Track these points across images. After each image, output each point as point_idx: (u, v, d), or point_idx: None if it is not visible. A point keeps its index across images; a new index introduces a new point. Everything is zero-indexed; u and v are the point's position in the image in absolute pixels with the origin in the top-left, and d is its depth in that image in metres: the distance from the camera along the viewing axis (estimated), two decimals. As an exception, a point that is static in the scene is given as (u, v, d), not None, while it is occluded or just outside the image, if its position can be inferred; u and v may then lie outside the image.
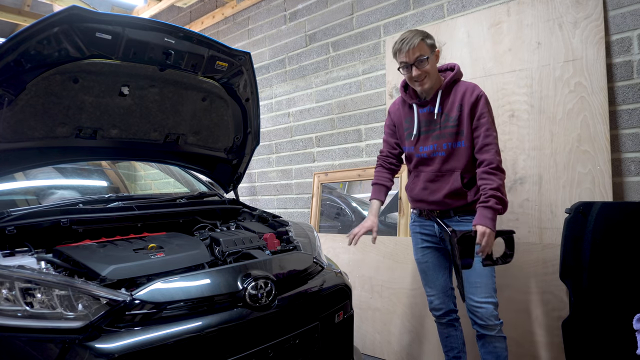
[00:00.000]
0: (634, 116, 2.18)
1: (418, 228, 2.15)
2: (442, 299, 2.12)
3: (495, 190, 1.82)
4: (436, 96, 1.99)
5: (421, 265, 2.17)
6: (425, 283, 2.17)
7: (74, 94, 1.79)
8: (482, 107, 1.92)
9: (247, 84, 2.18)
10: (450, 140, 1.97)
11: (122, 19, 1.69)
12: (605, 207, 2.02)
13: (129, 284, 1.45)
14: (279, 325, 1.59)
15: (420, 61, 1.92)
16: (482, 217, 1.82)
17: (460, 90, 1.97)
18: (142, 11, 4.72)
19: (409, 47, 1.91)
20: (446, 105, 1.98)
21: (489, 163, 1.87)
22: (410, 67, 1.94)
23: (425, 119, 2.03)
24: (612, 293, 1.94)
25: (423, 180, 2.05)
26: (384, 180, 2.21)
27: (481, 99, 1.93)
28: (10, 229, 1.57)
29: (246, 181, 4.19)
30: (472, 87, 1.96)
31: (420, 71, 1.94)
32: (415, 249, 2.20)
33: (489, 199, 1.82)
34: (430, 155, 2.02)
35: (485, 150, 1.89)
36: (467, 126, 1.94)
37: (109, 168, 2.94)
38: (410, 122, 2.08)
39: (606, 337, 1.93)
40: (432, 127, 2.01)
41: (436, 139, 2.00)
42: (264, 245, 1.88)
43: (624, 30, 2.20)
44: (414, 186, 2.11)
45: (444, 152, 1.98)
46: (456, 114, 1.95)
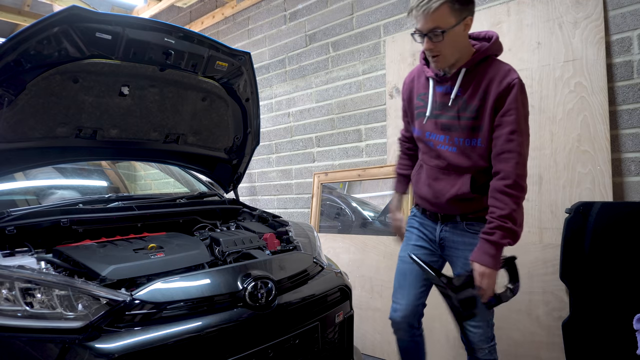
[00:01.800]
0: (634, 116, 2.18)
1: (417, 224, 1.81)
2: (406, 312, 1.75)
3: (504, 219, 1.45)
4: (457, 75, 1.55)
5: (404, 266, 1.78)
6: (398, 287, 1.79)
7: (74, 94, 1.79)
8: (511, 100, 1.47)
9: (247, 84, 2.18)
10: (464, 136, 1.56)
11: (122, 19, 1.69)
12: (605, 207, 2.02)
13: (129, 284, 1.45)
14: (279, 325, 1.59)
15: (435, 34, 1.46)
16: (482, 253, 1.48)
17: (490, 72, 1.52)
18: (142, 11, 4.72)
19: (425, 11, 1.43)
20: (468, 88, 1.54)
21: (504, 177, 1.47)
22: (424, 36, 1.49)
23: (441, 100, 1.60)
24: (612, 293, 1.94)
25: (426, 176, 1.71)
26: (402, 168, 1.91)
27: (513, 89, 1.47)
28: (10, 229, 1.57)
29: (246, 181, 4.19)
30: (505, 72, 1.51)
31: (433, 45, 1.49)
32: (405, 244, 1.83)
33: (495, 230, 1.46)
34: (437, 146, 1.63)
35: (504, 158, 1.48)
36: (489, 121, 1.51)
37: (109, 168, 2.94)
38: (423, 100, 1.66)
39: (606, 337, 1.93)
40: (446, 113, 1.59)
41: (447, 130, 1.59)
42: (264, 245, 1.88)
43: (624, 30, 2.20)
44: (417, 179, 1.77)
45: (455, 147, 1.58)
46: (477, 104, 1.52)
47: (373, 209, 3.22)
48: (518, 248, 2.35)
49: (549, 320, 2.25)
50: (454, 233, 1.69)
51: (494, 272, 1.49)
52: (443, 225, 1.72)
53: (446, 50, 1.50)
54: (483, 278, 1.48)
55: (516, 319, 2.34)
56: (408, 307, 1.75)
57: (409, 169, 1.87)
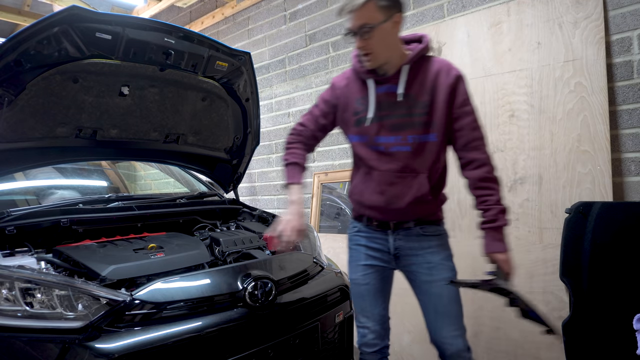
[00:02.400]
0: (634, 116, 2.18)
1: (363, 240, 1.67)
2: (378, 332, 1.68)
3: (499, 202, 1.50)
4: (400, 73, 1.52)
5: (359, 288, 1.67)
6: (361, 311, 1.69)
7: (74, 94, 1.79)
8: (464, 91, 1.52)
9: (247, 84, 2.18)
10: (418, 132, 1.52)
11: (122, 19, 1.69)
12: (605, 207, 2.02)
13: (129, 284, 1.45)
14: (279, 325, 1.59)
15: (363, 32, 1.44)
16: (495, 242, 1.49)
17: (432, 68, 1.53)
18: (142, 11, 4.72)
19: (352, 9, 1.44)
20: (413, 85, 1.52)
21: (483, 164, 1.51)
22: (354, 34, 1.48)
23: (385, 100, 1.54)
24: (612, 293, 1.94)
25: (378, 182, 1.58)
26: (300, 158, 1.67)
27: (461, 80, 1.52)
28: (10, 229, 1.57)
29: (246, 181, 4.19)
30: (448, 66, 1.54)
31: (364, 43, 1.47)
32: (354, 266, 1.70)
33: (497, 216, 1.48)
34: (389, 149, 1.55)
35: (475, 146, 1.51)
36: (442, 115, 1.51)
37: (109, 168, 2.94)
38: (363, 104, 1.58)
39: (606, 337, 1.93)
40: (395, 113, 1.54)
41: (399, 129, 1.53)
42: (264, 245, 1.88)
43: (624, 30, 2.20)
44: (364, 188, 1.63)
45: (410, 146, 1.53)
46: (427, 99, 1.51)
47: (373, 209, 3.21)
48: (518, 248, 2.36)
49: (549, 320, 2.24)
50: (409, 240, 1.62)
51: (509, 253, 1.52)
52: (395, 234, 1.62)
53: (377, 48, 1.48)
54: (507, 263, 1.50)
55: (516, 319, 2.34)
56: (377, 326, 1.68)
57: (305, 160, 1.70)
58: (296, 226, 1.53)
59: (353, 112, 1.61)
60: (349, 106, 1.63)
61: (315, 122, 1.70)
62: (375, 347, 1.68)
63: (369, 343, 1.68)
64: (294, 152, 1.68)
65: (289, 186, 1.63)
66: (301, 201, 1.59)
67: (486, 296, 2.41)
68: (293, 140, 1.71)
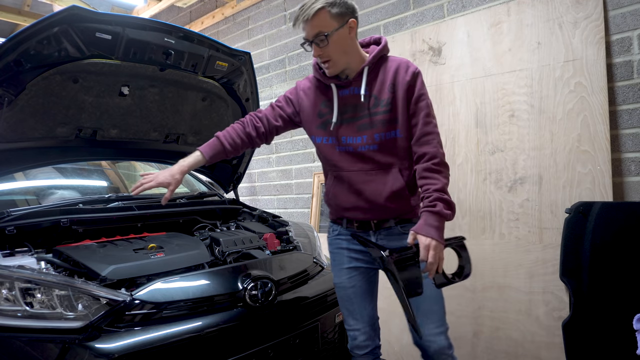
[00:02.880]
0: (634, 116, 2.18)
1: (345, 243, 1.68)
2: (368, 334, 1.68)
3: (441, 192, 1.47)
4: (361, 75, 1.56)
5: (346, 291, 1.67)
6: (349, 314, 1.68)
7: (74, 94, 1.79)
8: (419, 87, 1.54)
9: (247, 84, 2.18)
10: (383, 130, 1.55)
11: (122, 19, 1.69)
12: (605, 207, 2.02)
13: (129, 284, 1.45)
14: (279, 325, 1.59)
15: (319, 39, 1.47)
16: (426, 225, 1.43)
17: (391, 66, 1.56)
18: (142, 11, 4.72)
19: (305, 18, 1.46)
20: (374, 85, 1.56)
21: (431, 157, 1.51)
22: (310, 43, 1.51)
23: (349, 103, 1.58)
24: (612, 293, 1.94)
25: (351, 183, 1.59)
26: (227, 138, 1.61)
27: (418, 77, 1.55)
28: (10, 229, 1.57)
29: (246, 181, 4.19)
30: (406, 63, 1.57)
31: (321, 51, 1.49)
32: (338, 269, 1.70)
33: (435, 202, 1.45)
34: (357, 149, 1.57)
35: (426, 141, 1.53)
36: (403, 112, 1.54)
37: (109, 168, 2.94)
38: (328, 106, 1.60)
39: (606, 337, 1.93)
40: (359, 114, 1.57)
41: (365, 129, 1.56)
42: (264, 245, 1.88)
43: (624, 30, 2.20)
44: (338, 191, 1.64)
45: (377, 144, 1.55)
46: (388, 96, 1.54)
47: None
48: (518, 248, 2.36)
49: (549, 320, 2.25)
50: (390, 239, 1.61)
51: (440, 245, 1.44)
52: (377, 234, 1.63)
53: (334, 54, 1.51)
54: (429, 250, 1.41)
55: (516, 319, 2.34)
56: (367, 327, 1.68)
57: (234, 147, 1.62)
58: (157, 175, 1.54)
59: (318, 113, 1.63)
60: (313, 108, 1.64)
61: (273, 113, 1.68)
62: (367, 348, 1.68)
63: (361, 345, 1.68)
64: (226, 130, 1.65)
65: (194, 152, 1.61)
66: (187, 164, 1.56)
67: (486, 297, 2.42)
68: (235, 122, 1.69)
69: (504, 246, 2.38)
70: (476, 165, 2.53)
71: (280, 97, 1.72)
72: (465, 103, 2.59)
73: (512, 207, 2.40)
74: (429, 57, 2.76)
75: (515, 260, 2.36)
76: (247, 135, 1.64)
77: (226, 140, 1.61)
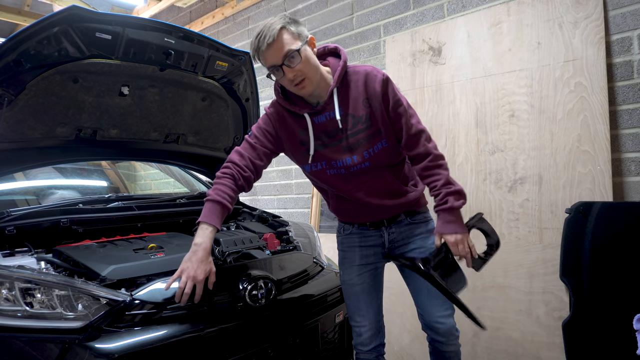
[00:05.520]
0: (634, 116, 2.18)
1: (357, 241, 1.69)
2: (373, 330, 1.70)
3: (446, 185, 1.49)
4: (332, 97, 1.52)
5: (354, 288, 1.69)
6: (355, 310, 1.70)
7: (74, 94, 1.79)
8: (393, 93, 1.52)
9: (247, 84, 2.18)
10: (370, 146, 1.53)
11: (122, 19, 1.69)
12: (605, 207, 2.02)
13: (129, 284, 1.45)
14: (279, 325, 1.59)
15: (290, 58, 1.41)
16: (446, 223, 1.49)
17: (359, 80, 1.53)
18: (142, 11, 4.72)
19: (269, 42, 1.40)
20: (348, 104, 1.52)
21: (424, 156, 1.52)
22: (280, 68, 1.43)
23: (329, 128, 1.54)
24: (612, 293, 1.94)
25: (355, 199, 1.61)
26: (227, 198, 1.49)
27: (388, 83, 1.52)
28: (10, 229, 1.57)
29: (246, 181, 4.18)
30: (372, 72, 1.53)
31: (295, 71, 1.42)
32: (348, 266, 1.71)
33: (446, 198, 1.48)
34: (350, 169, 1.56)
35: (414, 142, 1.53)
36: (384, 121, 1.52)
37: (109, 168, 2.94)
38: (307, 134, 1.56)
39: (606, 337, 1.93)
40: (341, 136, 1.54)
41: (352, 150, 1.53)
42: (264, 245, 1.88)
43: (624, 30, 2.20)
44: (343, 207, 1.67)
45: (368, 161, 1.54)
46: (365, 112, 1.51)
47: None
48: (518, 248, 2.36)
49: (549, 320, 2.25)
50: (401, 231, 1.67)
51: (465, 236, 1.50)
52: (389, 229, 1.67)
53: (308, 71, 1.45)
54: (458, 245, 1.48)
55: (516, 319, 2.34)
56: (372, 324, 1.70)
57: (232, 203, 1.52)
58: (194, 276, 1.37)
59: (299, 141, 1.58)
60: (292, 137, 1.59)
61: (253, 151, 1.58)
62: (370, 345, 1.70)
63: (365, 342, 1.70)
64: (218, 189, 1.50)
65: (199, 225, 1.45)
66: (206, 246, 1.41)
67: (486, 297, 2.42)
68: (222, 175, 1.54)
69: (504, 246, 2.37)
70: (476, 165, 2.53)
71: (254, 131, 1.61)
72: (465, 103, 2.59)
73: (512, 207, 2.40)
74: (429, 57, 2.76)
75: (515, 260, 2.36)
76: (241, 187, 1.55)
77: (226, 200, 1.49)
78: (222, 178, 1.53)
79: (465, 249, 1.49)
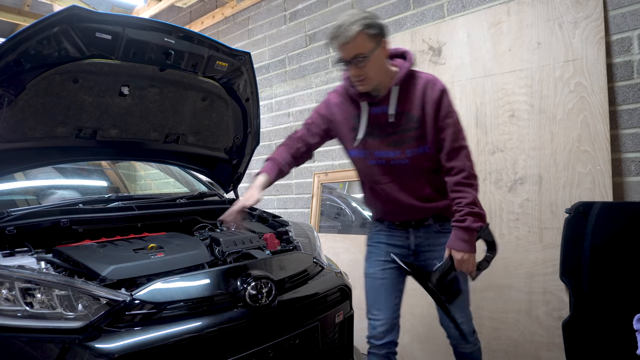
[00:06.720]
0: (634, 116, 2.18)
1: (384, 238, 1.81)
2: (387, 326, 1.76)
3: (471, 205, 1.58)
4: (390, 93, 1.64)
5: (376, 282, 1.79)
6: (373, 304, 1.79)
7: (74, 94, 1.79)
8: (447, 104, 1.63)
9: (247, 84, 2.18)
10: (414, 146, 1.65)
11: (122, 19, 1.69)
12: (605, 207, 2.02)
13: (129, 284, 1.45)
14: (279, 325, 1.59)
15: (358, 60, 1.55)
16: (457, 240, 1.58)
17: (419, 84, 1.64)
18: (142, 11, 4.72)
19: (345, 41, 1.53)
20: (405, 103, 1.64)
21: (459, 171, 1.61)
22: (348, 63, 1.58)
23: (381, 120, 1.67)
24: (612, 293, 1.94)
25: (386, 193, 1.73)
26: (283, 159, 1.77)
27: (444, 94, 1.63)
28: (10, 229, 1.57)
29: (246, 181, 4.17)
30: (433, 81, 1.65)
31: (359, 71, 1.57)
32: (373, 261, 1.82)
33: (466, 217, 1.57)
34: (390, 162, 1.68)
35: (454, 155, 1.62)
36: (432, 128, 1.63)
37: (109, 168, 2.94)
38: (359, 122, 1.71)
39: (606, 337, 1.93)
40: (390, 130, 1.67)
41: (396, 145, 1.66)
42: (264, 245, 1.88)
43: (624, 30, 2.20)
44: (375, 200, 1.80)
45: (408, 159, 1.66)
46: (418, 114, 1.63)
47: (373, 209, 3.22)
48: (518, 248, 2.36)
49: (549, 320, 2.25)
50: (428, 237, 1.76)
51: (472, 256, 1.59)
52: (416, 231, 1.76)
53: (371, 73, 1.59)
54: (463, 263, 1.59)
55: (516, 319, 2.34)
56: (388, 319, 1.77)
57: (289, 166, 1.81)
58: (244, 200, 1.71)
59: (351, 128, 1.73)
60: (346, 122, 1.74)
61: (309, 130, 1.82)
62: (382, 339, 1.76)
63: (377, 335, 1.77)
64: (275, 152, 1.82)
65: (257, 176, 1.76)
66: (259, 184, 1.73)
67: (485, 297, 2.42)
68: (281, 144, 1.85)
69: (504, 246, 2.38)
70: (476, 165, 2.53)
71: (312, 113, 1.83)
72: (465, 103, 2.59)
73: (512, 207, 2.40)
74: (429, 57, 2.76)
75: (515, 260, 2.36)
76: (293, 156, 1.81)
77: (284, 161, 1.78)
78: (279, 147, 1.83)
79: (469, 267, 1.60)
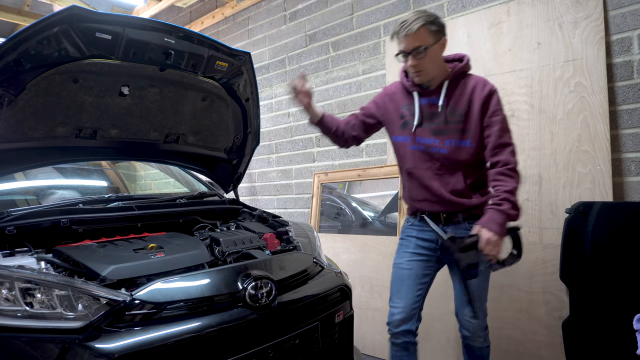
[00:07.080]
0: (634, 116, 2.18)
1: (415, 232, 1.89)
2: (405, 315, 1.81)
3: (510, 193, 1.63)
4: (441, 87, 1.78)
5: (401, 271, 1.87)
6: (395, 292, 1.87)
7: (74, 94, 1.79)
8: (495, 103, 1.73)
9: (247, 84, 2.18)
10: (455, 138, 1.75)
11: (122, 19, 1.69)
12: (605, 207, 2.02)
13: (129, 284, 1.45)
14: (279, 325, 1.59)
15: (417, 52, 1.70)
16: (490, 221, 1.62)
17: (470, 83, 1.78)
18: (142, 11, 4.72)
19: (407, 33, 1.69)
20: (452, 97, 1.77)
21: (505, 164, 1.67)
22: (407, 55, 1.74)
23: (428, 110, 1.80)
24: (612, 293, 1.94)
25: (421, 179, 1.82)
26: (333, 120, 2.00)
27: (494, 94, 1.74)
28: (10, 229, 1.57)
29: (246, 181, 4.19)
30: (484, 81, 1.78)
31: (417, 62, 1.72)
32: (402, 252, 1.91)
33: (503, 202, 1.62)
34: (428, 149, 1.79)
35: (500, 151, 1.70)
36: (476, 124, 1.73)
37: (109, 168, 2.94)
38: (409, 110, 1.84)
39: (606, 337, 1.93)
40: (434, 120, 1.78)
41: (437, 134, 1.78)
42: (264, 245, 1.87)
43: (624, 30, 2.20)
44: (410, 185, 1.88)
45: (446, 149, 1.76)
46: (464, 109, 1.75)
47: (373, 209, 3.22)
48: (518, 248, 2.36)
49: (549, 320, 2.25)
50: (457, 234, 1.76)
51: (500, 240, 1.61)
52: (445, 227, 1.81)
53: (428, 66, 1.74)
54: (488, 244, 1.60)
55: (517, 318, 2.34)
56: (406, 308, 1.82)
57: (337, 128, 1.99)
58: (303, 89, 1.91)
59: (400, 115, 1.88)
60: (396, 110, 1.89)
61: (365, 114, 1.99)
62: (399, 327, 1.82)
63: (395, 323, 1.83)
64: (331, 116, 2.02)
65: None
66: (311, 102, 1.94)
67: (486, 296, 2.42)
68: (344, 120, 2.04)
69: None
70: (476, 165, 2.53)
71: (370, 102, 2.00)
72: (465, 103, 2.59)
73: (512, 207, 2.40)
74: (429, 57, 2.76)
75: (515, 260, 2.36)
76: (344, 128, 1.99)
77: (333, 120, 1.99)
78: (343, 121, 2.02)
79: (493, 250, 1.61)
